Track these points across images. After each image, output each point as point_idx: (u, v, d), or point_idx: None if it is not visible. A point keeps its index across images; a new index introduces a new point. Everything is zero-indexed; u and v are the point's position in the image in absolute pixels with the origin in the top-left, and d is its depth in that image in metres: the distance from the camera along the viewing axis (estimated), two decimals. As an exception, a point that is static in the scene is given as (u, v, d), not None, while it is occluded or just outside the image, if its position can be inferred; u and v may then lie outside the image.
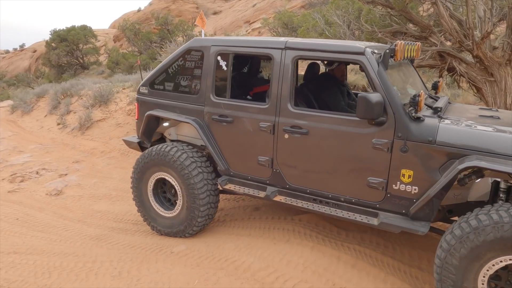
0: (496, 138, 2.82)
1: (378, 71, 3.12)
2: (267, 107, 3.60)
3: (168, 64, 4.14)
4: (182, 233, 4.09)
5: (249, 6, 36.33)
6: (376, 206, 3.27)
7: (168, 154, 3.92)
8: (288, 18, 14.80)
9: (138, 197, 4.32)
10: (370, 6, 7.82)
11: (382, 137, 3.09)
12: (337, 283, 3.21)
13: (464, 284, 2.65)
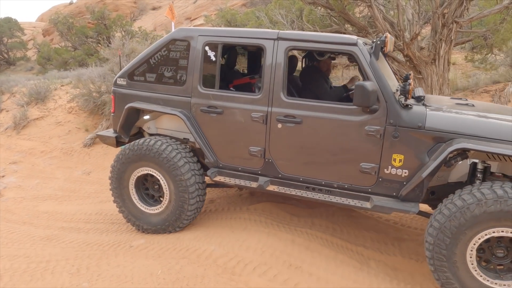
0: (478, 123, 3.14)
1: (371, 62, 3.29)
2: (259, 97, 3.62)
3: (150, 55, 4.02)
4: (172, 228, 4.01)
5: (190, 3, 35.89)
6: (368, 191, 3.43)
7: (153, 148, 3.82)
8: (231, 16, 14.97)
9: (119, 196, 4.15)
10: (312, 7, 8.25)
11: (374, 124, 3.27)
12: (293, 263, 3.46)
13: (455, 258, 2.92)
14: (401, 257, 3.88)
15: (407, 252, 3.98)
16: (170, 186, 3.87)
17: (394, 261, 3.81)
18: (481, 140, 3.02)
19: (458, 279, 2.95)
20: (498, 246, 2.93)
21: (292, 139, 3.55)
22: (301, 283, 3.23)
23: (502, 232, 2.80)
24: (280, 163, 3.66)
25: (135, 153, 3.92)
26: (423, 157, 3.20)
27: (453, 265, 2.93)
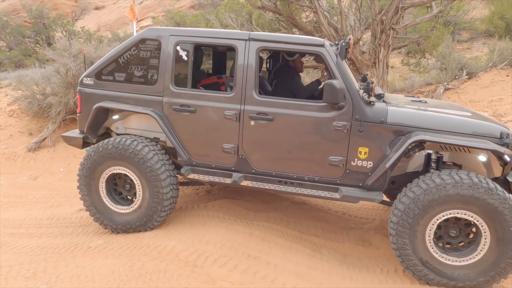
0: (433, 118, 3.54)
1: (337, 62, 3.57)
2: (232, 96, 3.76)
3: (119, 54, 4.01)
4: (143, 227, 4.03)
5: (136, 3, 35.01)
6: (336, 182, 3.70)
7: (129, 147, 3.83)
8: (180, 18, 14.92)
9: (87, 196, 4.09)
10: (261, 11, 8.54)
11: (342, 120, 3.55)
12: (251, 254, 3.66)
13: (417, 228, 3.28)
14: (349, 244, 4.22)
15: (354, 239, 4.34)
16: (144, 186, 3.89)
17: (343, 248, 4.14)
18: (436, 133, 3.42)
19: (413, 246, 3.32)
20: (453, 226, 3.35)
21: (265, 135, 3.72)
22: (260, 271, 3.43)
23: (464, 214, 3.21)
24: (253, 159, 3.81)
25: (107, 152, 3.89)
26: (385, 149, 3.53)
27: (414, 233, 3.30)
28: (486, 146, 3.23)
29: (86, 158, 4.02)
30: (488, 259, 3.22)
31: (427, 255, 3.32)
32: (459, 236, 3.36)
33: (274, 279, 3.36)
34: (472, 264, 3.26)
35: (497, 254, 3.18)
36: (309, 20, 9.28)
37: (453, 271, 3.30)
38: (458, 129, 3.46)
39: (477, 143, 3.26)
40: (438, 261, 3.31)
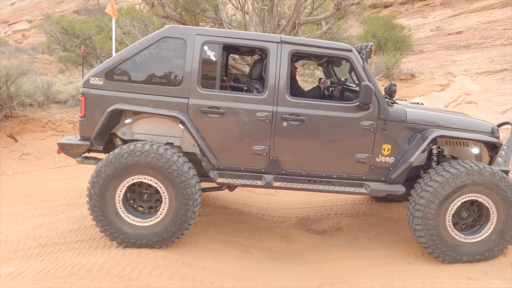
0: (442, 117, 4.03)
1: (364, 65, 3.82)
2: (264, 97, 3.74)
3: (136, 52, 3.69)
4: (171, 239, 3.73)
5: (6, 4, 31.14)
6: (362, 178, 3.91)
7: (163, 156, 3.54)
8: (68, 23, 13.81)
9: (101, 210, 3.62)
10: (165, 20, 8.49)
11: (369, 119, 3.80)
12: (185, 261, 3.66)
13: (439, 218, 3.70)
14: (273, 241, 4.50)
15: (277, 236, 4.63)
16: (171, 195, 3.65)
17: (269, 245, 4.39)
18: (446, 130, 3.91)
19: (439, 235, 3.72)
20: (464, 209, 3.83)
21: (297, 136, 3.80)
22: (197, 277, 3.46)
23: (474, 197, 3.71)
24: (284, 160, 3.85)
25: (136, 159, 3.55)
26: (405, 146, 3.90)
27: (438, 218, 3.71)
28: (493, 140, 3.93)
29: (101, 169, 3.58)
30: (494, 235, 3.77)
31: (450, 239, 3.75)
32: (469, 215, 3.87)
33: (212, 282, 3.43)
34: (482, 240, 3.78)
35: (501, 230, 3.76)
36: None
37: (468, 247, 3.77)
38: (462, 126, 4.03)
39: (486, 137, 3.96)
40: (456, 239, 3.76)
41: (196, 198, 3.68)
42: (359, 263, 3.93)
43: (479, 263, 3.79)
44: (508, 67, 11.85)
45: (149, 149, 3.58)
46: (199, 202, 3.71)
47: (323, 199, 5.79)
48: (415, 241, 3.98)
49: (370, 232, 4.63)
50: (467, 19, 18.37)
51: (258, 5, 8.78)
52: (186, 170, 3.62)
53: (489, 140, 4.00)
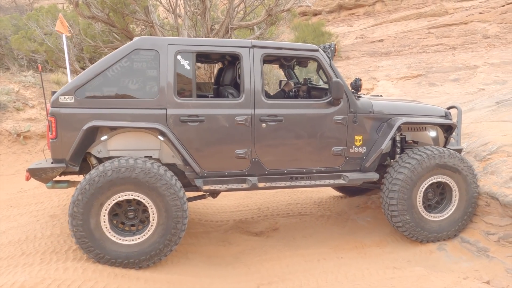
0: (402, 106, 4.38)
1: (331, 63, 4.00)
2: (242, 101, 3.79)
3: (107, 66, 3.57)
4: (157, 257, 3.61)
5: None
6: (339, 170, 4.10)
7: (150, 170, 3.47)
8: (-22, 22, 12.53)
9: (85, 230, 3.42)
10: (91, 21, 8.06)
11: (340, 113, 4.00)
12: (118, 273, 3.48)
13: (412, 199, 3.98)
14: (211, 246, 4.45)
15: (215, 241, 4.60)
16: (159, 209, 3.55)
17: (207, 250, 4.34)
18: (408, 117, 4.21)
19: (412, 216, 4.02)
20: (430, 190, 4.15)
21: (276, 136, 3.89)
22: (132, 287, 3.32)
23: (438, 179, 4.06)
24: (266, 161, 3.91)
25: (120, 175, 3.42)
26: (374, 135, 4.16)
27: (410, 198, 3.99)
28: (449, 122, 4.31)
29: (82, 189, 3.41)
30: (457, 212, 4.09)
31: (421, 217, 4.05)
32: (434, 197, 4.18)
33: (149, 292, 3.30)
34: (447, 217, 4.10)
35: (463, 207, 4.08)
36: (143, 34, 9.23)
37: (435, 225, 4.07)
38: (420, 112, 4.38)
39: (443, 120, 4.36)
40: (427, 219, 4.06)
41: (185, 209, 3.64)
42: (296, 261, 4.03)
43: (402, 252, 4.09)
44: (423, 73, 13.00)
45: (134, 164, 3.48)
46: (188, 213, 3.67)
47: (260, 201, 5.87)
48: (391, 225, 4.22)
49: (305, 231, 4.78)
50: (387, 28, 19.86)
51: (191, 9, 8.70)
52: (174, 183, 3.58)
53: (446, 122, 4.38)
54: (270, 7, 8.48)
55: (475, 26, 15.95)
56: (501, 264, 3.62)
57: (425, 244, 4.16)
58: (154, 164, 3.55)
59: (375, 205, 5.30)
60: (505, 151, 4.30)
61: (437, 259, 3.94)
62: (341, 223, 4.99)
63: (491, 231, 3.95)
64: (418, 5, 20.72)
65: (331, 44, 4.22)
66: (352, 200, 5.71)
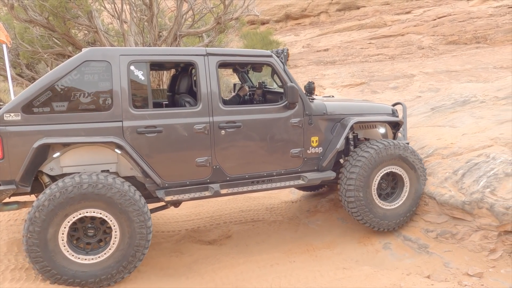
0: (353, 106, 4.58)
1: (285, 68, 4.09)
2: (199, 110, 3.77)
3: (55, 80, 3.38)
4: (121, 274, 3.48)
5: None
6: (298, 171, 4.22)
7: (113, 186, 3.36)
8: None
9: (41, 250, 3.22)
10: (29, 25, 7.60)
11: (296, 116, 4.12)
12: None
13: (368, 188, 4.20)
14: (164, 257, 4.35)
15: (167, 251, 4.49)
16: (122, 225, 3.43)
17: (160, 262, 4.23)
18: (359, 116, 4.42)
19: (366, 198, 4.21)
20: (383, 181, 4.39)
21: (235, 142, 3.93)
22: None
23: (391, 169, 4.33)
24: (227, 167, 3.93)
25: (80, 192, 3.28)
26: (329, 135, 4.32)
27: (367, 188, 4.22)
28: (397, 119, 4.61)
29: (39, 207, 3.22)
30: (408, 201, 4.35)
31: (377, 206, 4.27)
32: (388, 185, 4.44)
33: (97, 310, 3.15)
34: (400, 205, 4.35)
35: (414, 195, 4.36)
36: (86, 40, 8.87)
37: (381, 212, 4.29)
38: (370, 111, 4.62)
39: (392, 117, 4.65)
40: (380, 207, 4.29)
41: (149, 225, 3.55)
42: (249, 268, 4.05)
43: (350, 253, 4.26)
44: (365, 81, 13.69)
45: (96, 180, 3.35)
46: (151, 229, 3.58)
47: (212, 209, 5.83)
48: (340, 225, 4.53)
49: (258, 237, 4.82)
50: (332, 38, 20.70)
51: (137, 15, 8.51)
52: (138, 198, 3.49)
53: (394, 120, 4.67)
54: (219, 15, 8.52)
55: (411, 38, 17.11)
56: (439, 259, 3.88)
57: (372, 243, 4.36)
58: (116, 179, 3.45)
59: (324, 208, 5.47)
60: (440, 154, 4.65)
61: (383, 257, 4.15)
62: (293, 228, 5.09)
63: (430, 228, 4.24)
64: (359, 17, 21.83)
65: (284, 49, 4.34)
66: (302, 204, 5.85)
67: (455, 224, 4.04)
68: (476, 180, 4.01)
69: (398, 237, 4.38)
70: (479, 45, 15.17)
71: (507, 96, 5.55)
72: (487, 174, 3.99)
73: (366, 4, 22.03)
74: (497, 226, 3.70)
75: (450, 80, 10.82)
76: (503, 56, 12.46)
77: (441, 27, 17.02)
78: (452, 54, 14.42)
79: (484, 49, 14.16)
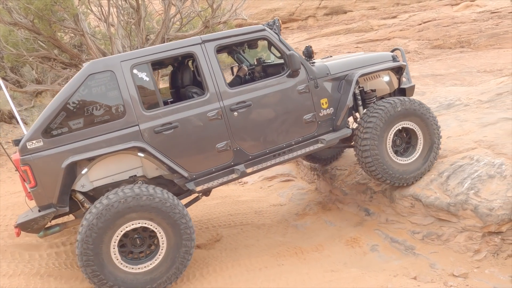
0: (353, 61, 4.62)
1: (280, 39, 4.14)
2: (208, 97, 3.84)
3: (66, 100, 3.46)
4: (169, 281, 3.61)
5: None
6: (315, 135, 4.29)
7: (155, 195, 3.47)
8: None
9: (96, 264, 3.34)
10: (13, 28, 7.48)
11: (302, 83, 4.18)
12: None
13: (383, 140, 4.23)
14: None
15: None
16: (168, 233, 3.58)
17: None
18: (362, 69, 4.46)
19: (380, 150, 4.25)
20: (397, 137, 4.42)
21: (249, 121, 3.99)
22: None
23: (405, 124, 4.35)
24: (247, 147, 4.01)
25: (127, 205, 3.39)
26: (337, 94, 4.38)
27: (382, 138, 4.24)
28: (399, 64, 4.64)
29: (93, 222, 3.33)
30: (422, 155, 4.43)
31: (392, 161, 4.32)
32: (402, 142, 4.50)
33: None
34: (412, 161, 4.41)
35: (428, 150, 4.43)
36: (72, 43, 8.78)
37: (402, 167, 4.34)
38: (371, 62, 4.66)
39: (394, 64, 4.67)
40: (396, 163, 4.34)
41: (191, 225, 3.68)
42: (238, 272, 4.04)
43: (338, 255, 4.28)
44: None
45: (140, 192, 3.46)
46: (194, 229, 3.72)
47: (201, 213, 5.81)
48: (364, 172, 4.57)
49: (247, 241, 4.82)
50: (320, 42, 20.86)
51: (124, 18, 8.46)
52: (177, 203, 3.62)
53: (397, 65, 4.69)
54: (207, 19, 8.52)
55: (397, 42, 17.33)
56: (426, 260, 3.93)
57: (360, 246, 4.40)
58: (156, 189, 3.57)
59: (313, 211, 5.50)
60: (426, 156, 4.71)
61: (370, 259, 4.18)
62: (281, 231, 5.10)
63: (417, 230, 4.29)
64: (346, 21, 22.07)
65: (275, 20, 4.42)
66: (291, 207, 5.87)
67: (440, 226, 4.10)
68: (461, 182, 4.08)
69: (385, 239, 4.43)
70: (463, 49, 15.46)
71: (490, 100, 5.66)
72: (471, 176, 4.07)
73: (353, 9, 22.30)
74: (481, 227, 3.76)
75: (435, 83, 10.99)
76: (486, 60, 12.73)
77: (426, 32, 17.30)
78: (437, 58, 14.65)
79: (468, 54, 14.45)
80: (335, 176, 5.65)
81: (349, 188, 5.29)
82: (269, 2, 24.66)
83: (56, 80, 8.50)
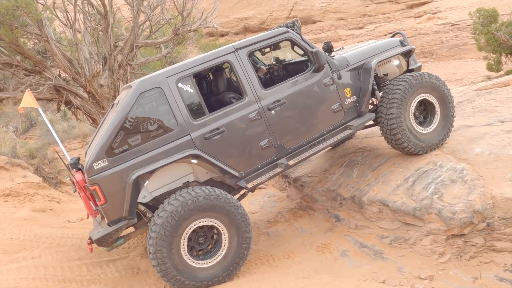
0: (367, 50, 4.90)
1: (303, 38, 4.44)
2: (248, 100, 4.15)
3: (122, 120, 3.71)
4: (228, 277, 3.90)
5: None
6: (343, 123, 4.60)
7: (221, 196, 3.82)
8: None
9: (167, 258, 3.61)
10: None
11: (326, 76, 4.49)
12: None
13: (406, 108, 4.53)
14: (118, 274, 4.19)
15: (123, 268, 4.34)
16: (231, 233, 3.90)
17: (114, 281, 4.10)
18: (377, 56, 4.78)
19: (408, 129, 4.55)
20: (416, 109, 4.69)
21: (286, 117, 4.29)
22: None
23: (423, 97, 4.64)
24: (286, 141, 4.32)
25: (199, 204, 3.71)
26: (357, 82, 4.69)
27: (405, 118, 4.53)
28: (408, 48, 4.96)
29: (177, 209, 3.65)
30: (440, 125, 4.73)
31: (415, 131, 4.59)
32: (421, 114, 4.79)
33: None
34: (433, 130, 4.70)
35: (444, 120, 4.73)
36: (36, 49, 8.47)
37: (423, 136, 4.62)
38: (384, 49, 4.96)
39: (404, 48, 4.98)
40: (419, 132, 4.63)
41: (249, 223, 4.01)
42: (209, 281, 3.97)
43: (310, 262, 4.31)
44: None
45: (209, 192, 3.77)
46: (251, 227, 4.03)
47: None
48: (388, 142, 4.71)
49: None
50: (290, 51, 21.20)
51: (91, 24, 8.26)
52: (237, 203, 3.95)
53: (407, 49, 5.00)
54: (177, 27, 8.46)
55: (364, 52, 17.91)
56: (394, 264, 4.02)
57: (331, 252, 4.45)
58: (219, 190, 3.87)
59: (284, 218, 5.52)
60: (393, 162, 4.86)
61: (340, 265, 4.23)
62: (253, 239, 5.07)
63: (385, 234, 4.39)
64: (316, 31, 22.56)
65: (294, 21, 4.77)
66: (262, 215, 5.87)
67: (407, 230, 4.21)
68: (425, 187, 4.21)
69: (355, 245, 4.50)
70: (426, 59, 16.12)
71: (452, 107, 5.90)
72: (435, 181, 4.21)
73: (322, 19, 22.83)
74: (445, 230, 3.89)
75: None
76: (447, 70, 13.32)
77: (392, 42, 17.91)
78: (402, 67, 15.21)
79: (431, 63, 15.08)
80: (306, 183, 5.71)
81: (319, 195, 5.35)
82: (240, 11, 24.87)
83: (19, 87, 8.15)
